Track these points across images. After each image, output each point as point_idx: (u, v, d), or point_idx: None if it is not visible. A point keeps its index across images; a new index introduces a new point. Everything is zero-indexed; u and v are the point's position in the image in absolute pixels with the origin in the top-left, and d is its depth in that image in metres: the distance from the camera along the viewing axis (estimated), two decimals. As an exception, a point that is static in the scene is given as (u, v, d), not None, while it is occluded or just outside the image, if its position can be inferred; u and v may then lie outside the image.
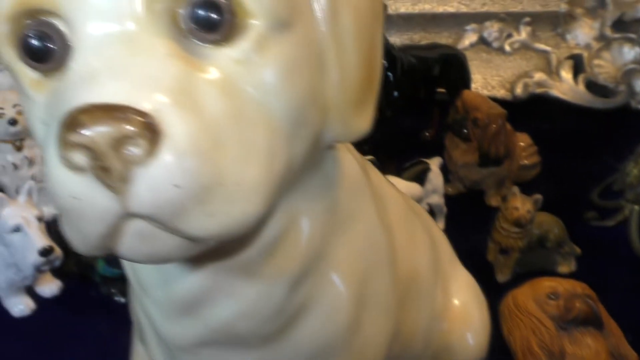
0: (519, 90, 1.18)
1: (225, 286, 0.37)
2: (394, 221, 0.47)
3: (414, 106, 1.01)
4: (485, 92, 1.18)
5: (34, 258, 0.67)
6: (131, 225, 0.27)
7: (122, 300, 0.77)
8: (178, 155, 0.26)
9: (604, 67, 1.17)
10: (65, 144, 0.25)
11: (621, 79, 1.16)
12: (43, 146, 0.32)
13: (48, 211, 0.78)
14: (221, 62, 0.29)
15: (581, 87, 1.18)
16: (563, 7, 1.18)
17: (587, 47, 1.19)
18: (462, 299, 0.57)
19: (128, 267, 0.41)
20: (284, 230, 0.36)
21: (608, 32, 1.17)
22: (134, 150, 0.25)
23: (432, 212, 0.89)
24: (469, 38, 1.20)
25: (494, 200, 0.97)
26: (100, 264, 0.76)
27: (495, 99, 1.14)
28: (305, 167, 0.34)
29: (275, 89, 0.30)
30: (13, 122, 0.81)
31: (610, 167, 1.00)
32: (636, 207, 0.88)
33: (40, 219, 0.69)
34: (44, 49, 0.30)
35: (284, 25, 0.30)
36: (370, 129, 0.38)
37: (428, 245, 0.54)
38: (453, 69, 1.02)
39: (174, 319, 0.39)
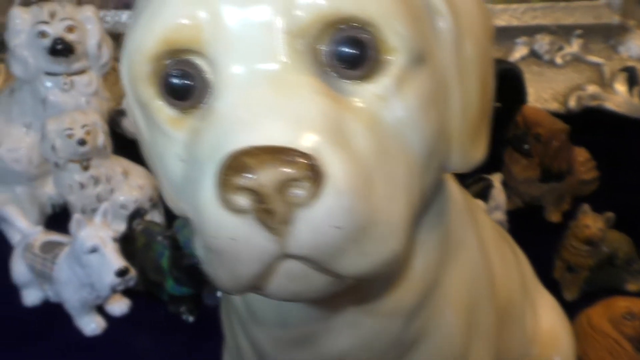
0: (572, 103, 1.17)
1: (344, 320, 0.37)
2: (489, 246, 0.47)
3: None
4: (537, 106, 1.17)
5: (110, 279, 0.68)
6: (284, 265, 0.27)
7: (190, 319, 0.78)
8: (339, 196, 0.26)
9: (659, 79, 1.15)
10: (228, 187, 0.25)
11: (677, 91, 1.14)
12: (178, 183, 0.32)
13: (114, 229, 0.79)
14: (363, 97, 0.29)
15: (636, 99, 1.16)
16: (616, 19, 1.16)
17: (641, 59, 1.17)
18: (549, 322, 0.56)
19: (237, 296, 0.41)
20: (403, 263, 0.36)
21: (662, 43, 1.16)
22: (298, 192, 0.25)
23: (493, 228, 0.88)
24: (520, 51, 1.19)
25: (554, 216, 0.96)
26: (169, 283, 0.77)
27: (548, 112, 1.13)
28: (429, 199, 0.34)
29: (414, 123, 0.30)
30: (82, 142, 0.82)
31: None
32: None
33: (115, 239, 0.69)
34: (185, 86, 0.30)
35: (420, 59, 0.30)
36: (484, 157, 0.38)
37: (516, 269, 0.54)
38: (510, 84, 1.01)
39: (287, 349, 0.39)
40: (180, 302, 0.78)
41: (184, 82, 0.30)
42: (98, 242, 0.68)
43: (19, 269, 0.77)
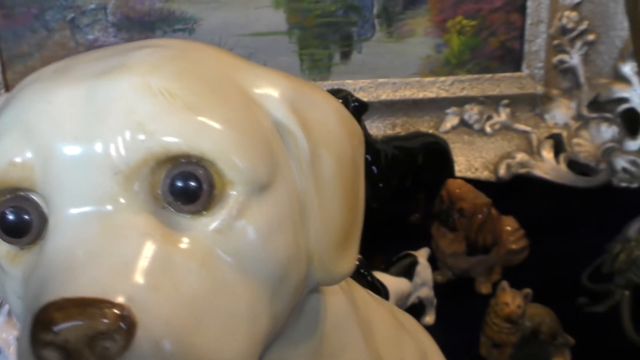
0: (502, 171, 1.20)
1: None
2: (381, 346, 0.46)
3: (400, 195, 1.01)
4: (469, 174, 1.19)
5: (14, 382, 0.65)
6: None
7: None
8: (154, 343, 0.25)
9: (584, 146, 1.18)
10: (37, 343, 0.25)
11: (601, 157, 1.17)
12: (21, 320, 0.31)
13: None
14: (200, 232, 0.28)
15: (563, 166, 1.19)
16: (539, 89, 1.20)
17: (566, 126, 1.21)
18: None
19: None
20: None
21: (585, 111, 1.20)
22: (109, 344, 0.25)
23: (422, 304, 0.88)
24: (451, 121, 1.22)
25: (484, 288, 0.96)
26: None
27: (479, 181, 1.15)
28: (288, 317, 0.34)
29: (258, 253, 0.29)
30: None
31: (598, 247, 1.01)
32: (626, 292, 0.87)
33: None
34: (21, 223, 0.29)
35: (263, 187, 0.30)
36: (352, 270, 0.37)
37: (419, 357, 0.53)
38: (436, 157, 1.03)
39: None
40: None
41: (20, 219, 0.29)
42: (1, 345, 0.65)
43: None
